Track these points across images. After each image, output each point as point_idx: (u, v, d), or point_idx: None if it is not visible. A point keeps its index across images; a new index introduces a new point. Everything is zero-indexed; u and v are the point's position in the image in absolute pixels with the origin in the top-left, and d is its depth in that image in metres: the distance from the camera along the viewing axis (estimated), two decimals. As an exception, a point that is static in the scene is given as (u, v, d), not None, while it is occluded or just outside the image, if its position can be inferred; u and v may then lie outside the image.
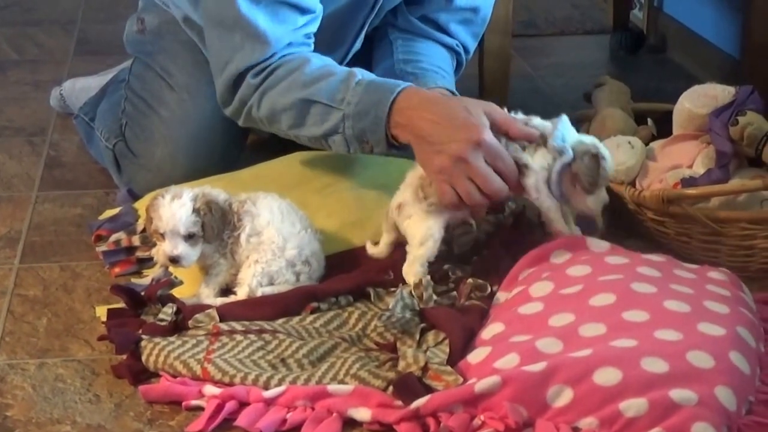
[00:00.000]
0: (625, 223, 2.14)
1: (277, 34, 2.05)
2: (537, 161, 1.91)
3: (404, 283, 1.90)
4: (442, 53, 2.34)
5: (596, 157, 1.91)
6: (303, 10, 2.07)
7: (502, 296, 1.86)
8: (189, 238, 1.89)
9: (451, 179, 1.87)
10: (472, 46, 2.42)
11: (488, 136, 1.87)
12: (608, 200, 1.94)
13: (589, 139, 1.95)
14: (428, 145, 1.89)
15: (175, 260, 1.89)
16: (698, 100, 2.22)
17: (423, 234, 1.93)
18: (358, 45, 2.32)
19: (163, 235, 1.89)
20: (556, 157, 1.91)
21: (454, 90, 2.22)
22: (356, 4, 2.23)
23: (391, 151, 2.01)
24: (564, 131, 1.92)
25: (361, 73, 2.01)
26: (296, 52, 2.07)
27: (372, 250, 2.01)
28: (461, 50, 2.38)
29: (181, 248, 1.88)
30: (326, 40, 2.12)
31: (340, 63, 2.25)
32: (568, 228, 1.95)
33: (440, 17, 2.31)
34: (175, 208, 1.88)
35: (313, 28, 2.11)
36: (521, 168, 1.90)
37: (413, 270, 1.92)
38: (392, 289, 1.91)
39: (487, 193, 1.87)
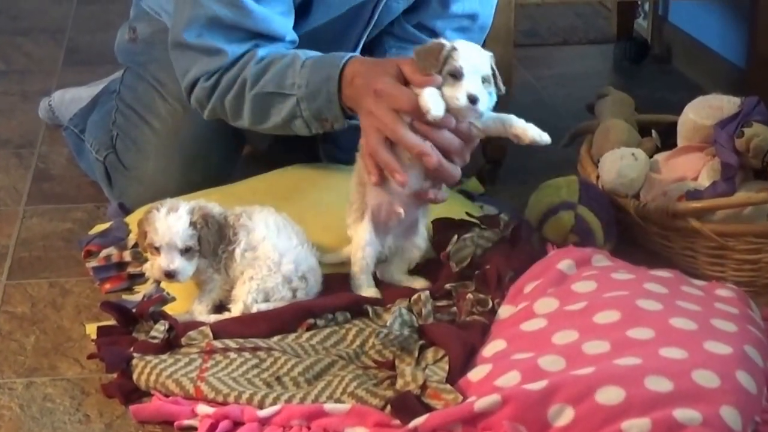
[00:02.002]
0: (630, 236, 2.13)
1: (236, 51, 2.05)
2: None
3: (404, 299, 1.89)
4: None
5: (439, 44, 1.86)
6: (271, 39, 2.06)
7: (506, 310, 1.84)
8: (185, 252, 1.86)
9: (367, 135, 1.90)
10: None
11: (381, 84, 1.87)
12: (473, 92, 1.84)
13: None
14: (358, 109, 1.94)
15: (171, 275, 1.87)
16: (703, 111, 2.23)
17: (354, 246, 1.95)
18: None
19: (158, 249, 1.87)
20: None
21: None
22: (350, 18, 2.22)
23: (353, 123, 2.00)
24: None
25: (304, 54, 2.02)
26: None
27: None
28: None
29: (178, 262, 1.86)
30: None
31: None
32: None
33: (436, 24, 2.30)
34: (171, 222, 1.85)
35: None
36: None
37: (358, 287, 1.94)
38: (390, 306, 1.89)
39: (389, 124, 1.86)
